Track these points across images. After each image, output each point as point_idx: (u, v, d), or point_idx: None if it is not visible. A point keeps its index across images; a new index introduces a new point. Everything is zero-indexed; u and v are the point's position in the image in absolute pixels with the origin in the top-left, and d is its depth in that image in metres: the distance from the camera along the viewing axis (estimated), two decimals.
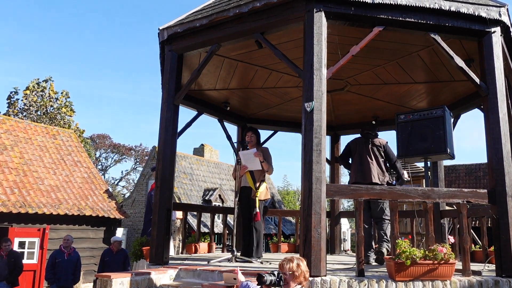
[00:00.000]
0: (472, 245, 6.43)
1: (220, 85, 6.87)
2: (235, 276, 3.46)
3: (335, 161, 8.47)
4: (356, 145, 6.08)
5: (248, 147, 5.75)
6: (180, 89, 5.36)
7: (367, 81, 6.64)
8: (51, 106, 26.71)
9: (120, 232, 18.47)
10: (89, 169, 15.47)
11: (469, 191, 4.40)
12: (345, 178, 33.26)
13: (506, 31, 4.81)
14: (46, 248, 11.88)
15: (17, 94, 26.46)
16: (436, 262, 3.87)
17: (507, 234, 4.26)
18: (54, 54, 66.96)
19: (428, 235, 4.27)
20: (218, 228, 18.36)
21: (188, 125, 6.77)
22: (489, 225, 5.13)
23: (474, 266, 4.72)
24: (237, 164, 5.58)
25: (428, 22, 4.44)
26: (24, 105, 26.14)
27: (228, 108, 7.63)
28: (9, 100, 26.29)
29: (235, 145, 6.82)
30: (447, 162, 12.75)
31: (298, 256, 3.10)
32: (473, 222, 11.88)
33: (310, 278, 3.74)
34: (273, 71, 6.38)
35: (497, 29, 4.64)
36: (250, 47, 5.47)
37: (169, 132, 5.25)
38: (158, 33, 5.41)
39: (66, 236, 8.64)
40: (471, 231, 7.37)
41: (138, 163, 41.97)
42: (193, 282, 4.37)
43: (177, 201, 19.11)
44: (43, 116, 26.01)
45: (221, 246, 8.21)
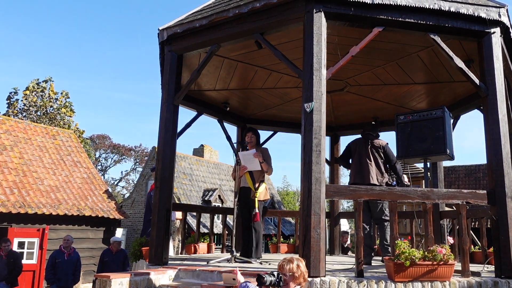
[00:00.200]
0: (472, 246, 6.42)
1: (220, 86, 6.87)
2: (234, 277, 3.45)
3: (334, 162, 8.47)
4: (356, 146, 6.08)
5: (247, 148, 5.76)
6: (180, 89, 5.36)
7: (366, 81, 6.64)
8: (51, 106, 26.72)
9: (119, 233, 18.46)
10: (89, 169, 15.46)
11: (468, 192, 4.39)
12: (344, 179, 33.27)
13: (505, 31, 4.81)
14: (45, 248, 11.88)
15: (17, 95, 26.51)
16: (435, 263, 3.87)
17: (506, 235, 4.26)
18: (54, 54, 67.03)
19: (428, 236, 4.26)
20: (218, 228, 18.36)
21: (188, 125, 6.77)
22: (488, 226, 5.13)
23: (474, 267, 4.71)
24: (237, 165, 5.58)
25: (428, 23, 4.44)
26: (24, 105, 26.16)
27: (228, 109, 7.63)
28: (8, 101, 26.33)
29: (235, 145, 6.82)
30: (446, 163, 12.76)
31: (297, 256, 3.09)
32: (472, 223, 11.89)
33: (309, 279, 3.75)
34: (272, 72, 6.38)
35: (497, 30, 4.64)
36: (249, 48, 5.47)
37: (169, 132, 5.25)
38: (158, 34, 5.41)
39: (66, 236, 8.63)
40: (471, 232, 7.37)
41: (137, 163, 42.00)
42: (192, 282, 4.36)
43: (177, 202, 19.11)
44: (43, 116, 26.02)
45: (221, 246, 8.21)
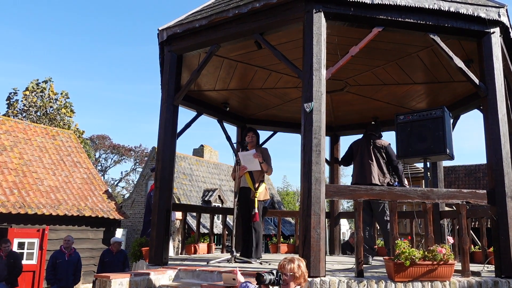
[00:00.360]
0: (472, 246, 6.42)
1: (220, 86, 6.87)
2: (234, 277, 3.46)
3: (334, 162, 8.47)
4: (358, 146, 6.09)
5: (247, 148, 5.76)
6: (180, 89, 5.36)
7: (366, 81, 6.64)
8: (51, 106, 26.72)
9: (119, 233, 18.45)
10: (89, 169, 15.46)
11: (468, 192, 4.39)
12: (344, 179, 33.29)
13: (505, 31, 4.81)
14: (45, 248, 11.88)
15: (17, 95, 26.50)
16: (435, 262, 3.87)
17: (506, 234, 4.26)
18: (54, 54, 67.03)
19: (428, 235, 4.26)
20: (218, 228, 18.35)
21: (188, 125, 6.77)
22: (488, 226, 5.13)
23: (474, 267, 4.71)
24: (237, 165, 5.58)
25: (428, 23, 4.44)
26: (24, 106, 26.16)
27: (228, 109, 7.63)
28: (8, 101, 26.32)
29: (235, 145, 6.82)
30: (446, 163, 12.75)
31: (298, 256, 3.09)
32: (472, 223, 11.89)
33: (309, 279, 3.74)
34: (272, 72, 6.38)
35: (496, 30, 4.64)
36: (249, 48, 5.48)
37: (169, 132, 5.25)
38: (158, 34, 5.41)
39: (66, 237, 8.63)
40: (471, 232, 7.37)
41: (137, 164, 42.00)
42: (192, 282, 4.36)
43: (177, 202, 19.11)
44: (42, 117, 26.01)
45: (221, 246, 8.20)
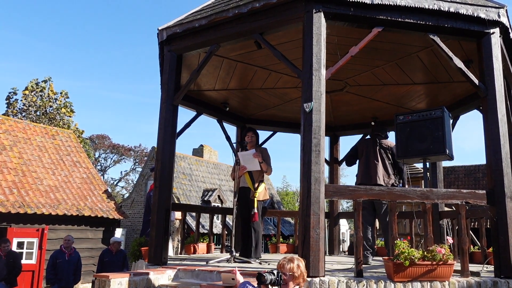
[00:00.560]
0: (471, 246, 6.43)
1: (219, 86, 6.87)
2: (233, 277, 3.45)
3: (334, 162, 8.47)
4: (364, 146, 6.08)
5: (247, 148, 5.75)
6: (179, 89, 5.36)
7: (366, 82, 6.64)
8: (50, 106, 26.71)
9: (119, 233, 18.44)
10: (88, 169, 15.45)
11: (468, 192, 4.39)
12: (344, 179, 33.31)
13: (505, 32, 4.81)
14: (44, 248, 11.88)
15: (16, 95, 26.48)
16: (434, 263, 3.87)
17: (505, 235, 4.26)
18: (53, 54, 67.00)
19: (427, 236, 4.26)
20: (217, 228, 18.36)
21: (187, 125, 6.77)
22: (488, 226, 5.13)
23: (473, 267, 4.71)
24: (236, 165, 5.58)
25: (427, 23, 4.44)
26: (23, 105, 26.13)
27: (227, 109, 7.63)
28: (8, 101, 26.30)
29: (234, 145, 6.82)
30: (446, 163, 12.77)
31: (297, 256, 3.10)
32: (472, 223, 11.90)
33: (309, 279, 3.74)
34: (272, 72, 6.38)
35: (496, 30, 4.64)
36: (249, 48, 5.47)
37: (168, 132, 5.24)
38: (157, 34, 5.41)
39: (67, 237, 8.63)
40: (470, 232, 7.37)
41: (137, 163, 41.99)
42: (191, 282, 4.36)
43: (176, 202, 19.10)
44: (42, 116, 25.99)
45: (220, 246, 8.21)
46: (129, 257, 7.87)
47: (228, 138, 7.70)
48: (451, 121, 5.14)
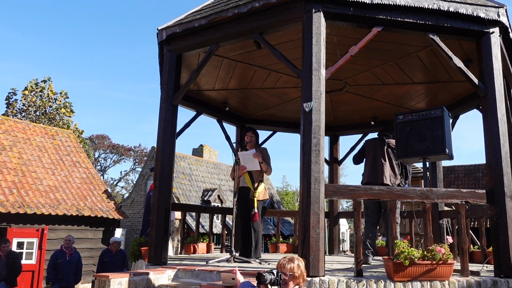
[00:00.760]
0: (471, 246, 6.43)
1: (219, 86, 6.87)
2: (233, 276, 3.46)
3: (334, 162, 8.48)
4: (372, 145, 6.08)
5: (247, 148, 5.75)
6: (179, 89, 5.36)
7: (366, 81, 6.64)
8: (50, 106, 26.67)
9: (118, 233, 18.44)
10: (88, 169, 15.45)
11: (467, 192, 4.40)
12: (344, 179, 33.30)
13: (504, 31, 4.81)
14: (44, 248, 11.88)
15: (16, 95, 26.46)
16: (434, 262, 3.87)
17: (505, 234, 4.26)
18: (53, 54, 66.98)
19: (427, 235, 4.27)
20: (217, 228, 18.35)
21: (187, 125, 6.78)
22: (487, 226, 5.14)
23: (473, 267, 4.72)
24: (236, 165, 5.58)
25: (427, 23, 4.45)
26: (23, 105, 26.10)
27: (227, 109, 7.63)
28: (7, 101, 26.27)
29: (234, 145, 6.82)
30: (446, 163, 12.76)
31: (297, 256, 3.09)
32: (471, 223, 11.89)
33: (309, 278, 3.74)
34: (272, 72, 6.38)
35: (496, 30, 4.64)
36: (249, 48, 5.47)
37: (168, 132, 5.24)
38: (157, 33, 5.41)
39: (67, 237, 8.64)
40: (470, 232, 7.37)
41: (137, 163, 41.98)
42: (191, 282, 4.36)
43: (176, 202, 19.10)
44: (42, 116, 25.98)
45: (220, 246, 8.21)
46: (129, 257, 7.87)
47: (227, 138, 7.70)
48: (450, 120, 5.14)
